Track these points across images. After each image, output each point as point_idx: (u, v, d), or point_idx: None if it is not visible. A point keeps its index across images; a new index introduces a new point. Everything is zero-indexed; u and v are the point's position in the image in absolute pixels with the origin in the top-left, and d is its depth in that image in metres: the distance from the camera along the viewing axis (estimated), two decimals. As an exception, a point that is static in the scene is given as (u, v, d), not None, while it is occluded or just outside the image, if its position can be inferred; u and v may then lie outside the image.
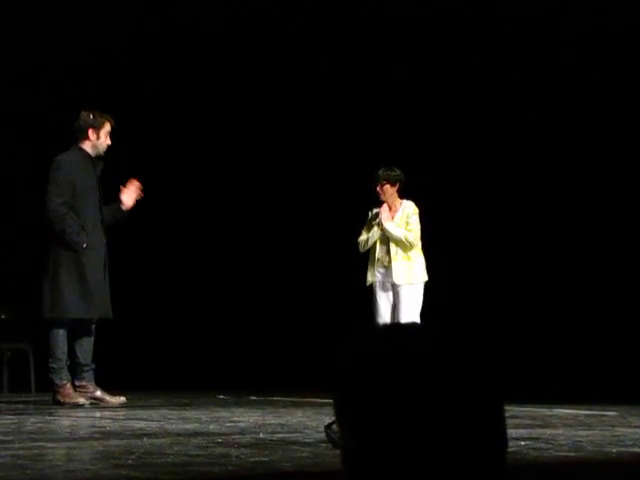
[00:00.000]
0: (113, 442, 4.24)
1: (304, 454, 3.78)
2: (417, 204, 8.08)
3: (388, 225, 7.90)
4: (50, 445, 4.16)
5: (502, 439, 1.24)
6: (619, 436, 4.84)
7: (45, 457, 3.75)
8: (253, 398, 8.24)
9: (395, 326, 1.26)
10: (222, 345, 10.56)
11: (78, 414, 6.33)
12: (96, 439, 4.39)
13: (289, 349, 10.28)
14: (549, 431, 5.19)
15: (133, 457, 3.54)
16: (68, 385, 7.14)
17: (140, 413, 6.44)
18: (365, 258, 8.09)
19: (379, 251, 7.96)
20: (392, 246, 7.91)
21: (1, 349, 9.51)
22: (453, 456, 1.17)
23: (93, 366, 7.25)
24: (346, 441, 1.23)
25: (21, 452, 3.71)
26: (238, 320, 10.71)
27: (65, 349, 7.16)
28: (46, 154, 7.65)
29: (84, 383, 7.21)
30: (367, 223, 8.07)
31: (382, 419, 1.18)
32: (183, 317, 10.80)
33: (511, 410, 6.92)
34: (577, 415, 6.61)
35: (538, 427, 5.51)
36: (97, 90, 9.88)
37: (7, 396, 8.87)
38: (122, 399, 7.22)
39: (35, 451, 3.83)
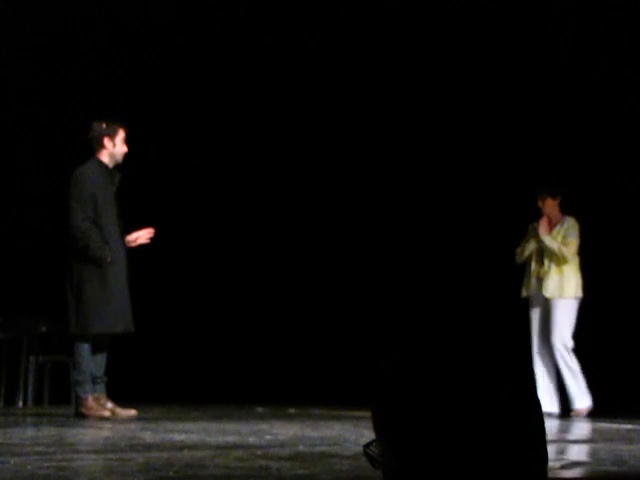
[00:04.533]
0: (154, 454, 4.27)
1: (344, 467, 3.79)
2: (580, 221, 8.06)
3: (544, 237, 7.95)
4: (92, 457, 4.20)
5: (543, 455, 1.24)
6: (661, 450, 4.80)
7: (87, 469, 3.78)
8: (291, 411, 8.24)
9: (440, 338, 1.24)
10: (260, 357, 10.58)
11: (117, 426, 6.38)
12: (137, 451, 4.41)
13: (327, 362, 10.27)
14: (590, 445, 5.16)
15: (174, 469, 3.57)
16: (91, 398, 7.16)
17: (180, 426, 6.46)
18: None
19: (534, 264, 8.05)
20: (546, 259, 7.95)
21: (42, 362, 9.59)
22: (498, 477, 1.17)
23: (105, 379, 7.27)
24: (388, 460, 1.21)
25: (63, 464, 3.74)
26: (277, 332, 10.72)
27: (90, 363, 7.20)
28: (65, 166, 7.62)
29: (97, 395, 7.22)
30: (526, 235, 8.18)
31: (424, 437, 1.16)
32: (222, 330, 10.83)
33: (553, 424, 6.88)
34: (618, 429, 6.56)
35: (580, 441, 5.47)
36: (103, 98, 9.74)
37: (48, 408, 8.94)
38: (132, 412, 7.20)
39: (77, 462, 3.87)
